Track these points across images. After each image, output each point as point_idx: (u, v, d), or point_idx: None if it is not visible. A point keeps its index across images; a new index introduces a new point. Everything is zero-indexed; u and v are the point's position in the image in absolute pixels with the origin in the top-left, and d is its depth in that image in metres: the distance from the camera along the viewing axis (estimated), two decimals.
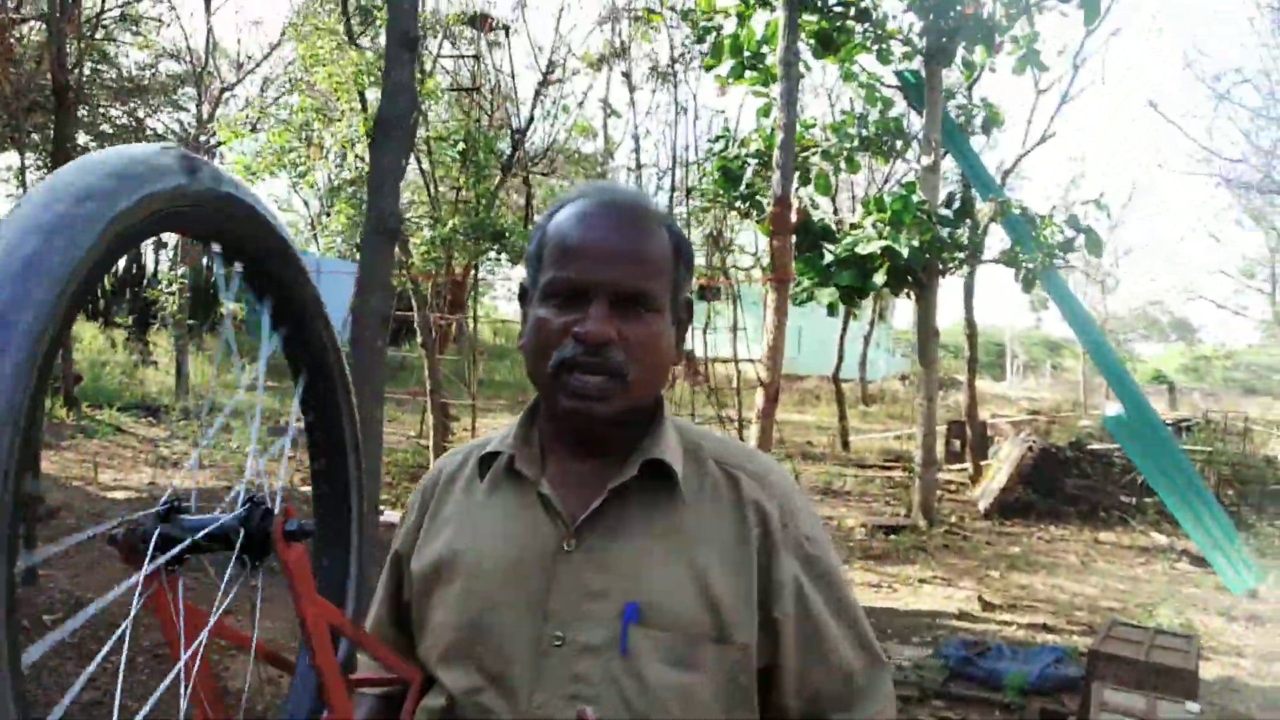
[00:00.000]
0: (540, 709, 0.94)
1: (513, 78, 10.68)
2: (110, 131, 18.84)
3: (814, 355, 20.99)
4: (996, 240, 9.77)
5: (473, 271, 11.30)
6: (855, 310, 22.05)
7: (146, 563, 0.66)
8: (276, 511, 0.71)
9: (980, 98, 10.57)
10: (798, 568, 1.01)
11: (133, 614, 0.63)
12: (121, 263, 21.52)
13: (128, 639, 0.61)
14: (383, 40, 5.60)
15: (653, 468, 0.99)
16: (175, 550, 0.66)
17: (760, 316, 6.44)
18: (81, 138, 17.82)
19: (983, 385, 24.72)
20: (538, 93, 10.91)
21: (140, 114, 19.53)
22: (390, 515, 7.78)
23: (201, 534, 0.68)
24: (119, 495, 7.23)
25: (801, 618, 1.00)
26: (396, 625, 1.15)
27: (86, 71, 15.34)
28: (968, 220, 9.07)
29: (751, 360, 7.43)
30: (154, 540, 0.67)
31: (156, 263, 21.04)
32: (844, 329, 15.38)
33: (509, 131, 10.42)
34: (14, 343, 0.49)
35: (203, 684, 0.74)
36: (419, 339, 8.55)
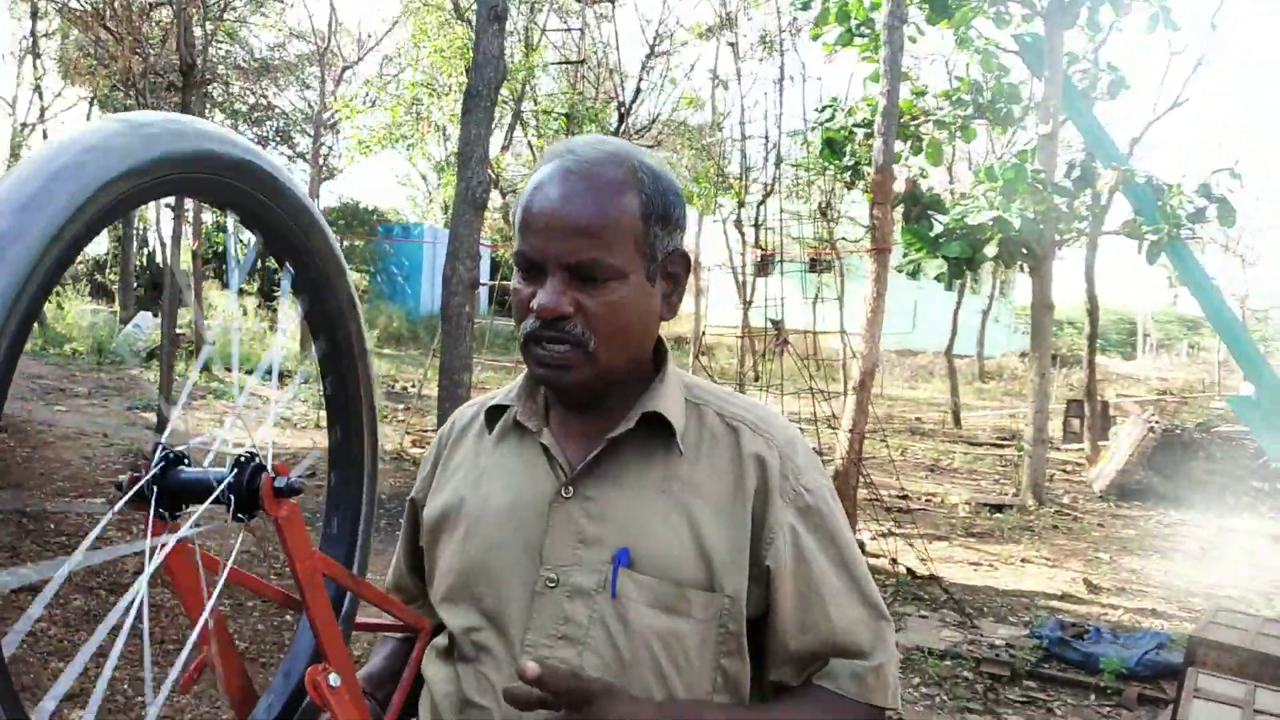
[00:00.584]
0: (531, 647, 0.98)
1: (618, 50, 10.69)
2: (242, 110, 19.78)
3: (929, 330, 20.42)
4: (1123, 212, 9.31)
5: None
6: (974, 285, 21.38)
7: (150, 510, 0.69)
8: (269, 468, 0.73)
9: (1106, 61, 10.00)
10: (794, 518, 1.01)
11: (149, 569, 0.65)
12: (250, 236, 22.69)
13: (146, 592, 0.65)
14: None
15: (651, 420, 1.01)
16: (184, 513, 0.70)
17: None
18: (217, 116, 18.80)
19: (1110, 364, 23.62)
20: (644, 65, 10.92)
21: (269, 93, 20.42)
22: None
23: (187, 485, 0.71)
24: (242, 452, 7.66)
25: (797, 568, 1.00)
26: (414, 571, 1.19)
27: (221, 52, 16.16)
28: (1088, 190, 8.64)
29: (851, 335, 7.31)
30: (154, 495, 0.70)
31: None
32: (959, 303, 14.91)
33: (615, 104, 10.47)
34: (7, 266, 0.50)
35: (218, 633, 0.79)
36: None
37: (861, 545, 6.17)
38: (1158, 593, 5.71)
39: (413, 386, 11.20)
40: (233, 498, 0.71)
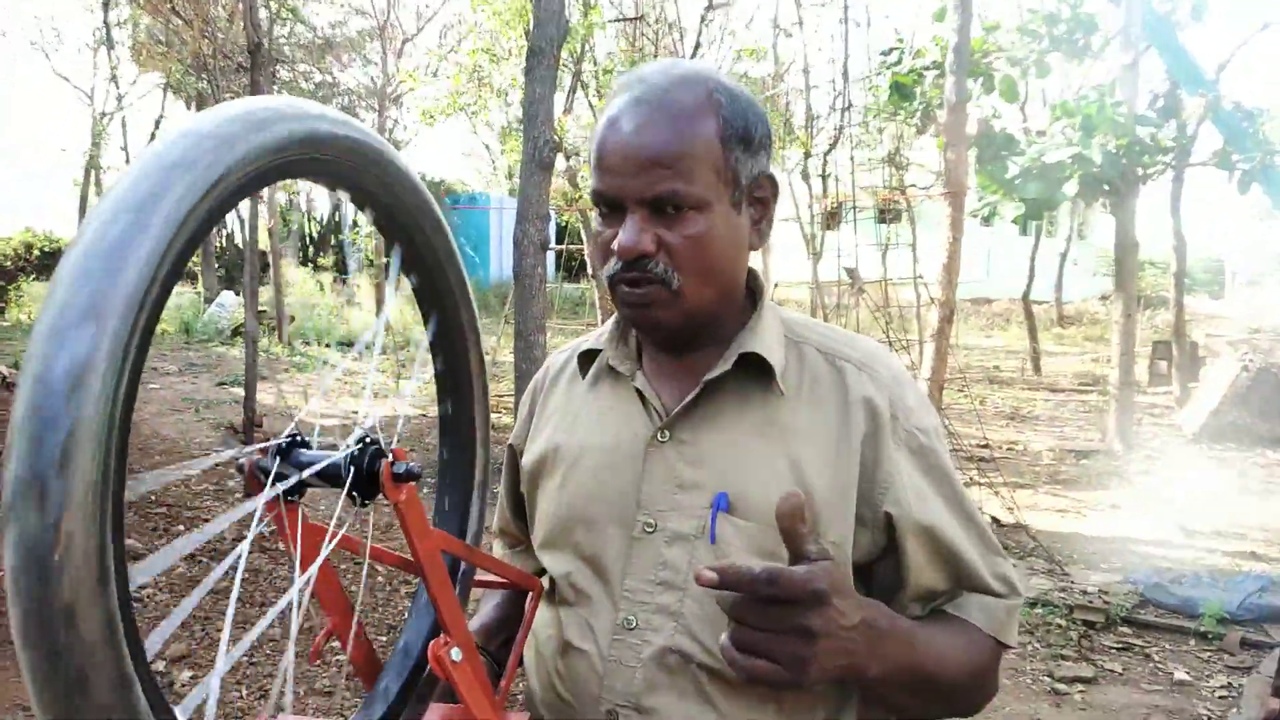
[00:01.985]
0: (630, 594, 0.97)
1: (676, 4, 10.54)
2: (307, 88, 20.09)
3: (1004, 276, 19.89)
4: (1210, 143, 8.87)
5: None
6: (1050, 227, 20.71)
7: (266, 491, 0.70)
8: (390, 452, 0.74)
9: None
10: (909, 461, 0.98)
11: (249, 537, 0.66)
12: (326, 212, 23.13)
13: (244, 558, 0.66)
14: None
15: (749, 360, 0.98)
16: (286, 483, 0.70)
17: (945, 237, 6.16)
18: (284, 95, 19.12)
19: (1197, 304, 22.71)
20: (703, 18, 10.75)
21: (334, 70, 20.70)
22: None
23: (311, 471, 0.71)
24: (326, 423, 7.89)
25: (919, 510, 0.97)
26: (518, 516, 1.20)
27: (285, 32, 16.40)
28: (1173, 121, 8.25)
29: (924, 283, 7.14)
30: (273, 472, 0.70)
31: (355, 210, 22.47)
32: (1035, 247, 14.46)
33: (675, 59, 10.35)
34: (135, 257, 0.50)
35: (327, 589, 0.80)
36: (590, 271, 8.75)
37: None
38: (1257, 535, 5.53)
39: (487, 354, 11.33)
40: (352, 481, 0.71)
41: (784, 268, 19.54)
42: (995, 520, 5.52)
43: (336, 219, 21.54)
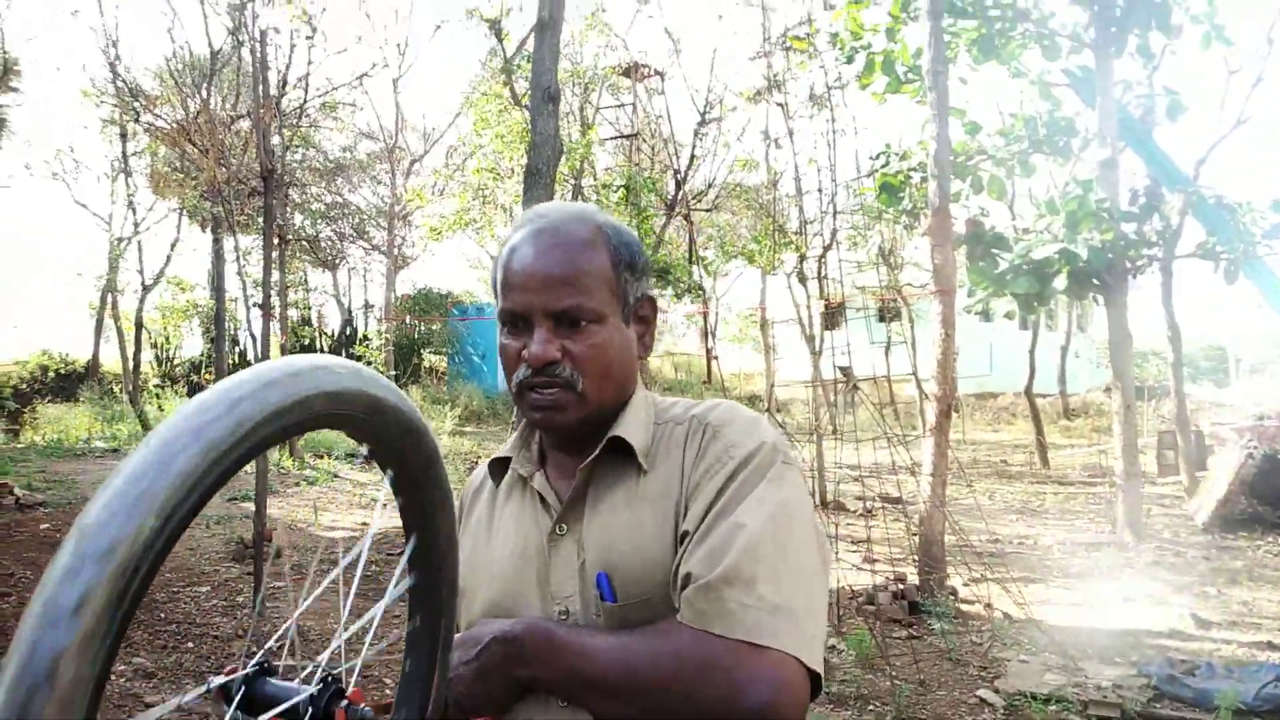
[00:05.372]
0: None
1: (669, 120, 10.98)
2: (319, 209, 20.72)
3: (1007, 371, 20.02)
4: (1196, 235, 9.12)
5: None
6: (1049, 321, 20.93)
7: (230, 710, 0.75)
8: (348, 690, 0.77)
9: (1162, 85, 9.91)
10: (711, 480, 1.03)
11: None
12: (337, 325, 23.51)
13: None
14: None
15: (617, 444, 1.08)
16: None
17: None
18: (297, 218, 19.73)
19: (1203, 392, 22.70)
20: (697, 132, 11.19)
21: (344, 191, 21.38)
22: None
23: (268, 716, 0.74)
24: (337, 534, 7.92)
25: (689, 517, 1.02)
26: None
27: (298, 157, 17.04)
28: (1156, 215, 8.51)
29: (922, 379, 7.26)
30: (229, 713, 0.76)
31: (365, 323, 22.83)
32: (1034, 341, 14.62)
33: (671, 172, 10.73)
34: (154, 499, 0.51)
35: None
36: None
37: (954, 592, 6.06)
38: (1272, 624, 5.47)
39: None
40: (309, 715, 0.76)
41: (788, 368, 19.73)
42: (1007, 616, 5.49)
43: (348, 333, 21.89)
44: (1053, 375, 18.30)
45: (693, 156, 10.49)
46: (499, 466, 1.20)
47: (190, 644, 5.18)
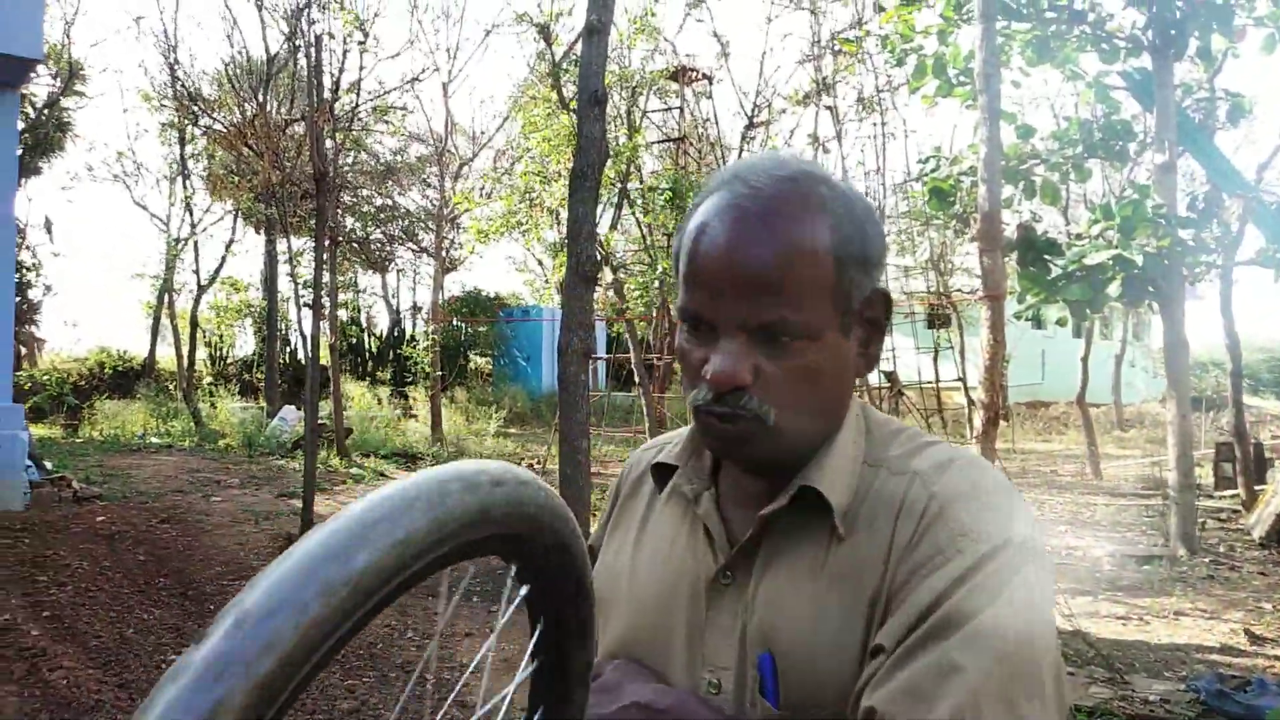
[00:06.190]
0: None
1: (717, 124, 10.98)
2: (370, 211, 21.05)
3: (1059, 380, 19.66)
4: (1258, 242, 8.89)
5: None
6: (1104, 329, 20.50)
7: None
8: None
9: (1223, 88, 9.67)
10: (925, 588, 0.76)
11: None
12: (385, 326, 23.87)
13: None
14: None
15: (810, 495, 0.84)
16: None
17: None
18: (348, 221, 20.08)
19: (1265, 405, 22.10)
20: (744, 135, 11.17)
21: (395, 194, 21.71)
22: None
23: None
24: None
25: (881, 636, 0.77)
26: None
27: (350, 160, 17.35)
28: (1214, 221, 8.30)
29: (971, 387, 7.18)
30: None
31: (413, 324, 23.14)
32: (1087, 349, 14.35)
33: None
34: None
35: None
36: (637, 379, 8.93)
37: None
38: None
39: (537, 462, 11.49)
40: None
41: None
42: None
43: (395, 334, 22.20)
44: (1107, 385, 17.95)
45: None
46: (661, 473, 0.97)
47: None
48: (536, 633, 0.67)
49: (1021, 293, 8.50)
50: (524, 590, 0.66)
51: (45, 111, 16.64)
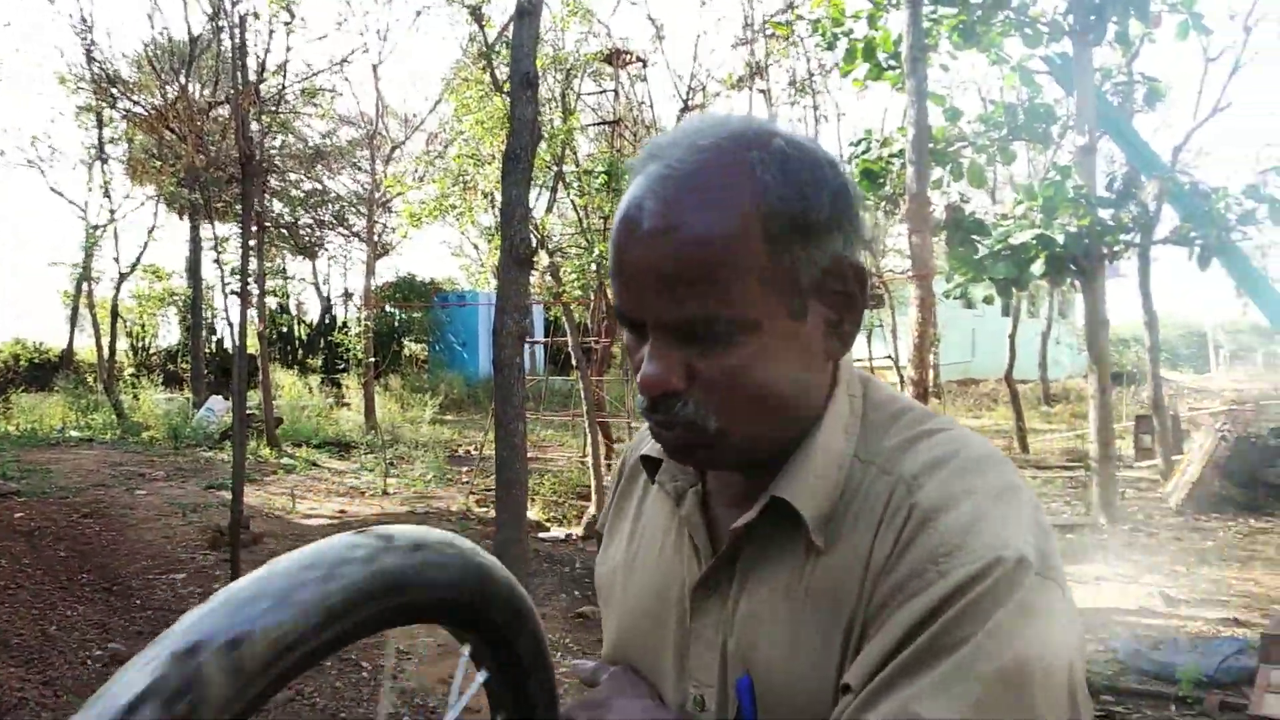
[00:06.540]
0: None
1: (652, 107, 10.97)
2: (299, 196, 20.58)
3: (989, 357, 20.19)
4: (1174, 221, 9.22)
5: None
6: (1031, 307, 21.06)
7: None
8: None
9: (1140, 72, 9.98)
10: (905, 615, 0.66)
11: None
12: (316, 313, 23.42)
13: None
14: None
15: (782, 507, 0.75)
16: None
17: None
18: (276, 206, 19.63)
19: (1182, 378, 22.99)
20: (679, 118, 11.18)
21: (324, 178, 21.27)
22: (555, 532, 8.12)
23: None
24: (313, 523, 7.91)
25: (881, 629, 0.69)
26: None
27: (277, 144, 16.94)
28: (1133, 201, 8.58)
29: (901, 366, 7.32)
30: None
31: (345, 311, 22.74)
32: (1014, 327, 14.74)
33: None
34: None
35: None
36: (574, 363, 8.91)
37: None
38: (1239, 602, 5.56)
39: (475, 449, 11.41)
40: None
41: None
42: None
43: (326, 321, 21.80)
44: (1034, 362, 18.47)
45: None
46: (651, 464, 0.88)
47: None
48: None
49: (950, 272, 8.69)
50: (480, 676, 0.68)
51: None
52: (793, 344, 0.72)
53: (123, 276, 17.71)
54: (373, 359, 14.77)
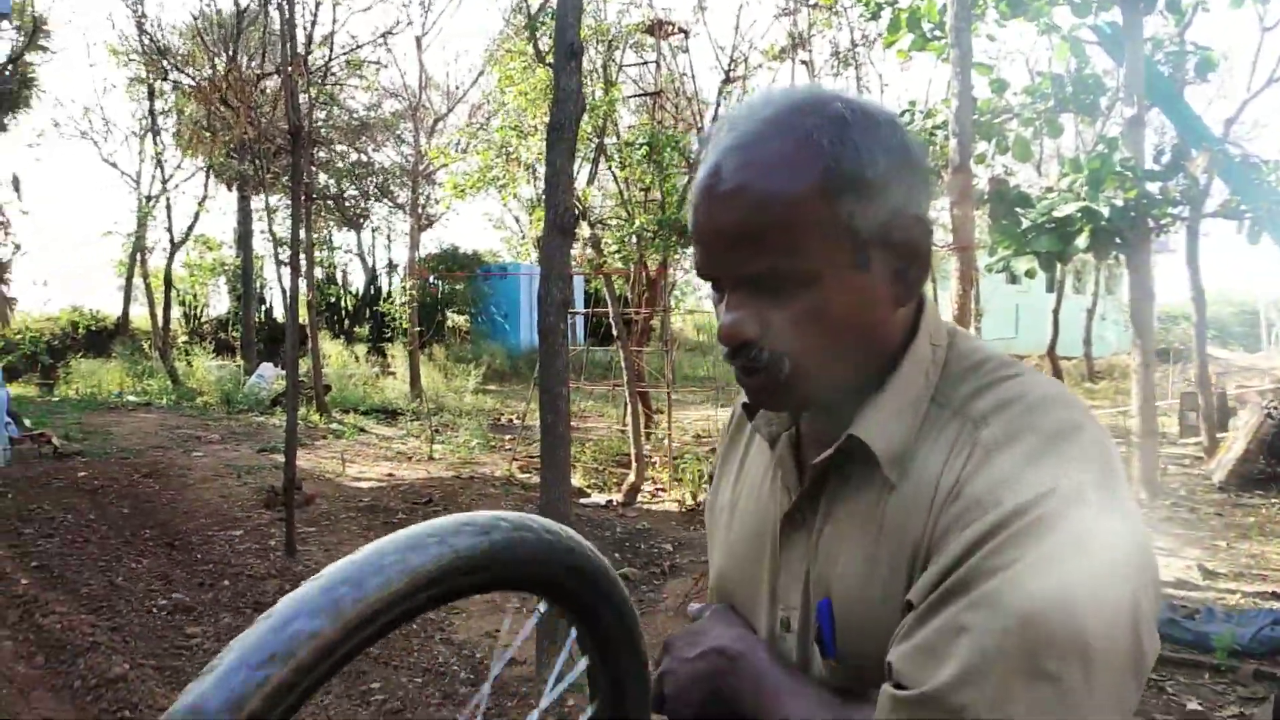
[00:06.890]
0: None
1: (693, 79, 10.96)
2: (344, 168, 20.84)
3: (1033, 334, 19.98)
4: (1224, 195, 9.04)
5: (668, 269, 11.73)
6: (1077, 283, 20.76)
7: None
8: None
9: (1192, 43, 9.76)
10: (955, 545, 0.73)
11: None
12: (361, 284, 23.78)
13: None
14: None
15: (858, 446, 0.82)
16: None
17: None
18: (321, 177, 19.91)
19: (1233, 356, 22.52)
20: (721, 90, 11.17)
21: (369, 150, 21.49)
22: (596, 498, 8.27)
23: None
24: (363, 485, 8.15)
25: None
26: None
27: (321, 116, 17.17)
28: (1181, 174, 8.45)
29: None
30: None
31: (390, 281, 23.06)
32: (1058, 302, 14.58)
33: (695, 131, 10.74)
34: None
35: None
36: (615, 334, 9.02)
37: None
38: (1277, 576, 5.56)
39: (517, 418, 11.61)
40: None
41: None
42: None
43: (372, 292, 22.12)
44: (1080, 338, 18.25)
45: (716, 114, 10.48)
46: (750, 412, 0.97)
47: (226, 582, 5.41)
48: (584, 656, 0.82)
49: (993, 245, 8.64)
50: (583, 663, 0.78)
51: (10, 67, 16.31)
52: (856, 292, 0.79)
53: (175, 246, 18.12)
54: (418, 329, 15.02)
